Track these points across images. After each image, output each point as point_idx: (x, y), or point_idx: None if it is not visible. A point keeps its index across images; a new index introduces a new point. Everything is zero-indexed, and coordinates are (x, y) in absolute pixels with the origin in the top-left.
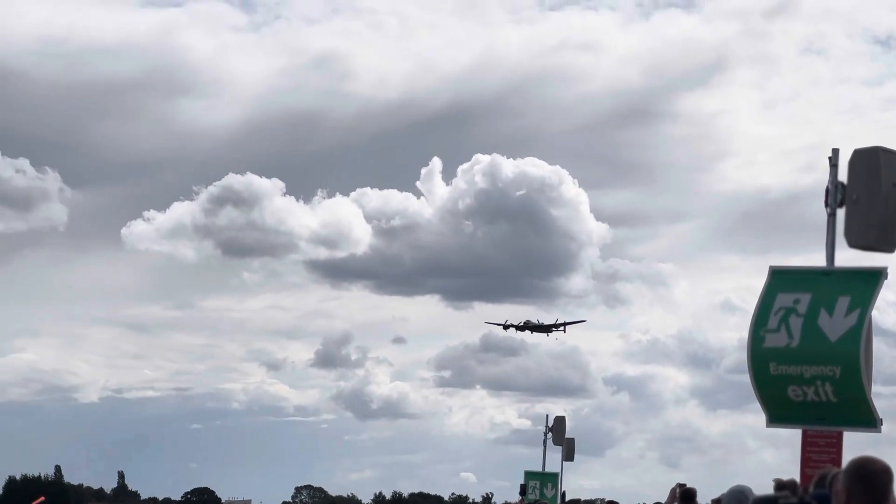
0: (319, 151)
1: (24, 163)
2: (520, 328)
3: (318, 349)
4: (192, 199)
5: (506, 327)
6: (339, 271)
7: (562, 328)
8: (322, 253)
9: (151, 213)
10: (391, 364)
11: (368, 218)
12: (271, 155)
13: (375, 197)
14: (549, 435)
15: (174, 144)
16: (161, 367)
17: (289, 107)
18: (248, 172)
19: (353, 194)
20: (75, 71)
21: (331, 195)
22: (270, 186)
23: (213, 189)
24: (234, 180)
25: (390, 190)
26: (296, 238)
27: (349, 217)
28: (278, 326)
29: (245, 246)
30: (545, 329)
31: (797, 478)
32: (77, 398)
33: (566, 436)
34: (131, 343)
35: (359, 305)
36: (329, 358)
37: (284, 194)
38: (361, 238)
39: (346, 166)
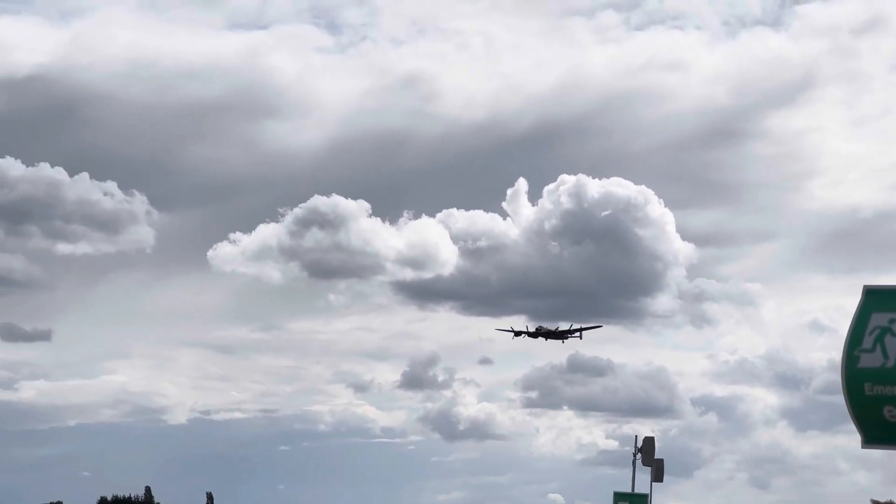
0: (405, 172)
1: (111, 186)
2: (532, 335)
3: (404, 370)
4: (277, 221)
5: (516, 334)
6: (425, 292)
7: (577, 334)
8: (408, 274)
9: (237, 236)
10: (478, 385)
11: (455, 239)
12: (357, 176)
13: (461, 218)
14: (638, 456)
15: (260, 166)
16: (248, 388)
17: (374, 128)
18: (333, 194)
19: (439, 215)
20: (163, 93)
21: (417, 216)
22: (356, 208)
23: (299, 211)
24: (319, 202)
25: (476, 211)
26: (382, 259)
27: (435, 238)
28: (365, 348)
29: (331, 268)
30: (560, 335)
31: (894, 499)
32: (166, 419)
33: (655, 456)
34: (218, 365)
35: (445, 326)
36: (416, 379)
37: (370, 215)
38: (448, 259)
39: (432, 187)
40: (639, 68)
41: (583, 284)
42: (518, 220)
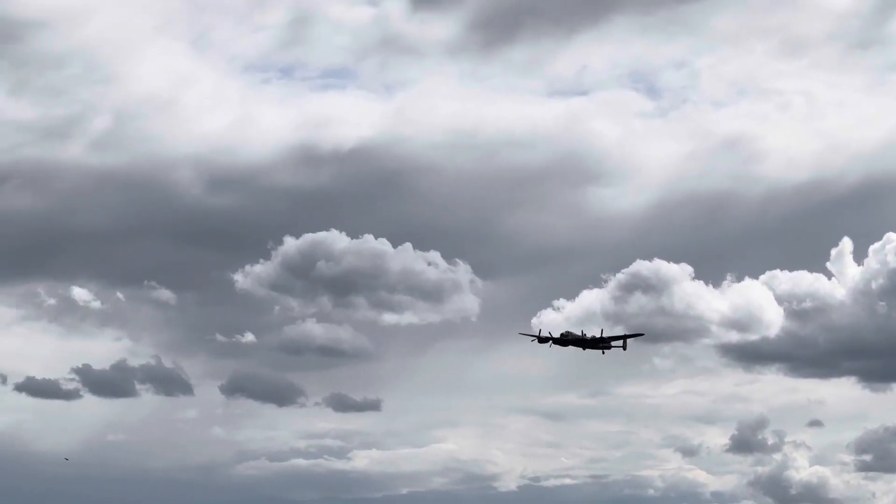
0: (728, 235)
1: (435, 255)
2: (559, 341)
3: (733, 434)
4: (601, 287)
5: (541, 340)
6: (751, 355)
7: (620, 344)
8: (733, 337)
9: (561, 302)
10: (809, 448)
11: (779, 300)
12: (679, 240)
13: (785, 279)
14: None
15: (582, 232)
16: (577, 454)
17: (696, 191)
18: (655, 258)
19: (762, 277)
20: (485, 162)
21: (740, 278)
22: (679, 271)
23: (622, 276)
24: (642, 266)
25: (800, 271)
26: (706, 322)
27: (760, 300)
28: (693, 411)
29: (656, 331)
30: (593, 344)
31: None
32: (496, 487)
33: None
34: (547, 431)
35: (773, 389)
36: (745, 442)
37: (693, 279)
38: (773, 321)
39: (755, 249)
40: None
41: None
42: (843, 280)
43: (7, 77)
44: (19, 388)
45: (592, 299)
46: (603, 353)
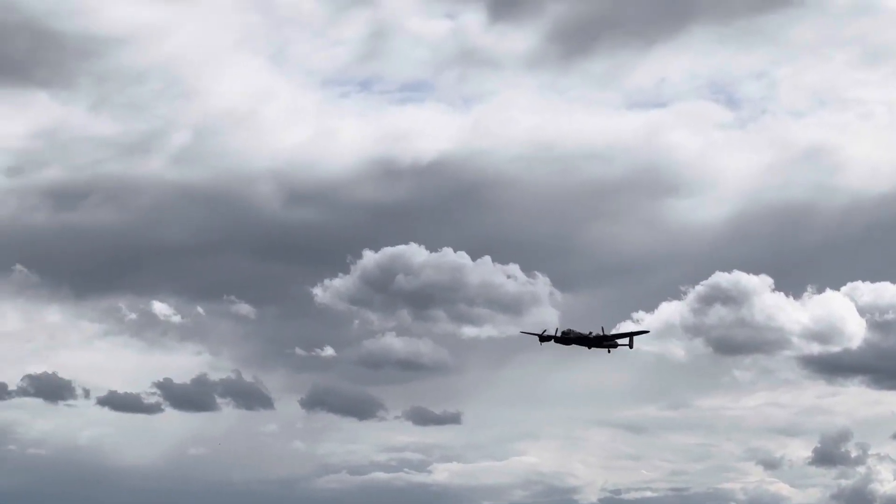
0: (808, 246)
1: (514, 268)
2: (560, 340)
3: (816, 446)
4: (680, 299)
5: (543, 338)
6: (833, 366)
7: (626, 342)
8: (815, 348)
9: (640, 314)
10: (894, 461)
11: (862, 312)
12: (758, 251)
13: (868, 290)
14: None
15: (661, 244)
16: (658, 467)
17: (776, 202)
18: (735, 270)
19: (844, 288)
20: (564, 175)
21: (821, 290)
22: (759, 283)
23: (701, 288)
24: (721, 278)
25: (883, 283)
26: (787, 334)
27: (842, 311)
28: (774, 424)
29: (736, 343)
30: (601, 342)
31: None
32: (577, 500)
33: None
34: (628, 444)
35: (857, 401)
36: (828, 455)
37: (773, 290)
38: (855, 332)
39: (837, 260)
40: None
41: None
42: None
43: (88, 93)
44: (101, 402)
45: (671, 311)
46: (609, 351)
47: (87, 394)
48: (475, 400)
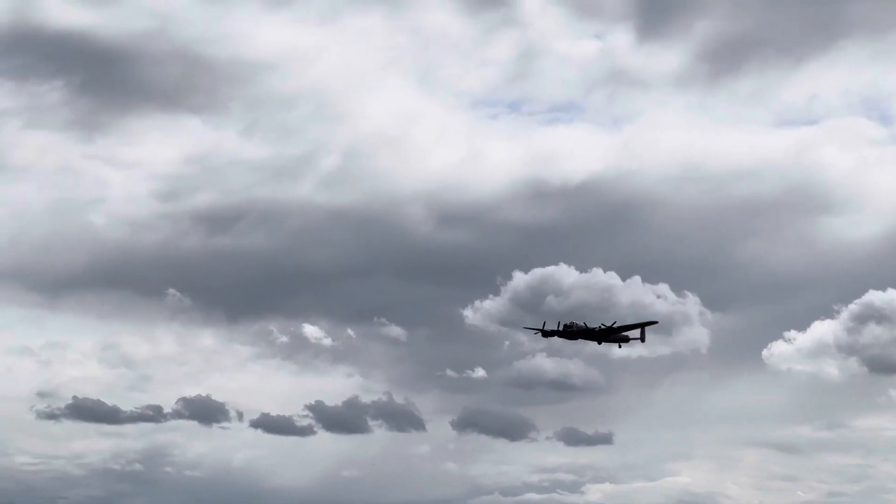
0: None
1: (664, 288)
2: (563, 334)
3: None
4: (833, 318)
5: (545, 334)
6: None
7: (637, 335)
8: None
9: (792, 334)
10: None
11: None
12: None
13: None
14: None
15: (813, 263)
16: (814, 488)
17: None
18: (889, 288)
19: None
20: (713, 194)
21: None
22: None
23: (854, 307)
24: (875, 297)
25: None
26: None
27: None
28: None
29: (892, 363)
30: (608, 336)
31: None
32: None
33: None
34: (782, 465)
35: None
36: None
37: None
38: None
39: None
40: None
41: None
42: None
43: (240, 118)
44: (254, 424)
45: (824, 330)
46: (619, 346)
47: (240, 416)
48: (627, 420)
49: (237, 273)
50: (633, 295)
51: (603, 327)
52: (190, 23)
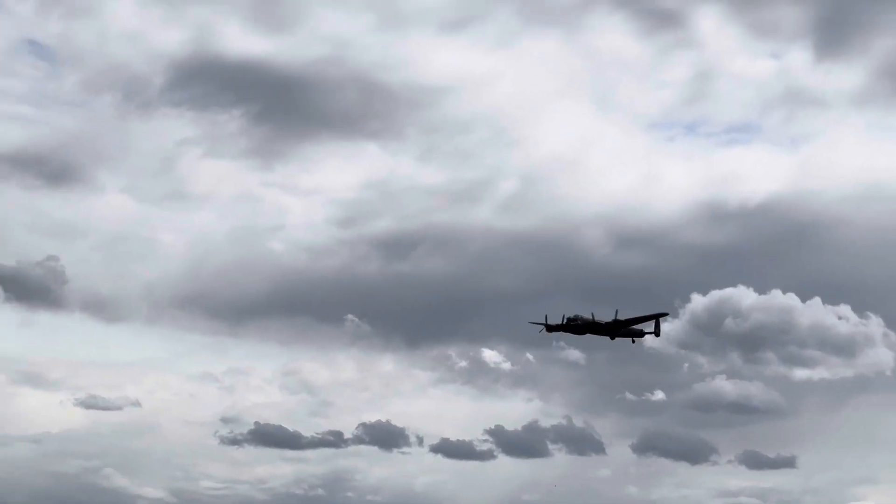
0: None
1: (845, 309)
2: (568, 328)
3: None
4: None
5: (550, 328)
6: None
7: (652, 329)
8: None
9: None
10: None
11: None
12: None
13: None
14: None
15: None
16: None
17: None
18: None
19: None
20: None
21: None
22: None
23: None
24: None
25: None
26: None
27: None
28: None
29: None
30: (618, 329)
31: None
32: None
33: None
34: None
35: None
36: None
37: None
38: None
39: None
40: None
41: None
42: None
43: (417, 143)
44: (434, 449)
45: None
46: (633, 341)
47: (420, 441)
48: (810, 443)
49: (416, 298)
50: (814, 316)
51: (610, 321)
52: (366, 49)
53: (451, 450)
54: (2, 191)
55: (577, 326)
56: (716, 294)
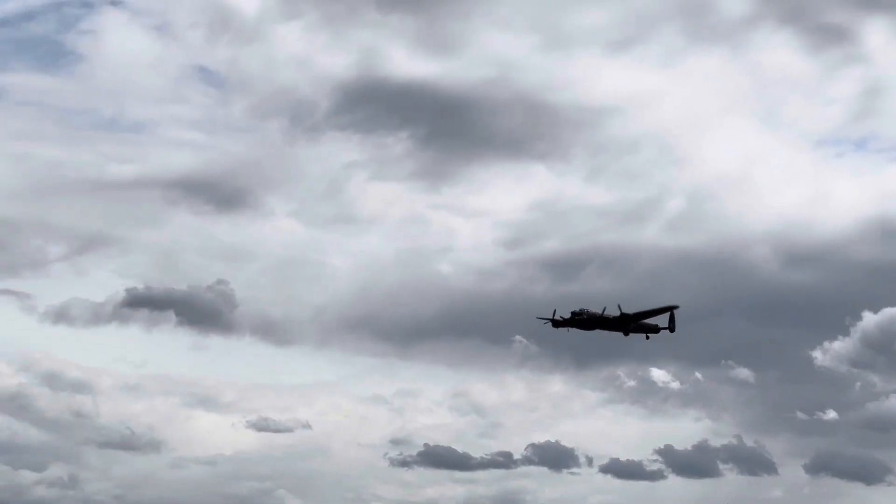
0: None
1: None
2: (575, 323)
3: None
4: None
5: (556, 324)
6: None
7: (667, 326)
8: None
9: None
10: None
11: None
12: None
13: None
14: None
15: None
16: None
17: None
18: None
19: None
20: None
21: None
22: None
23: None
24: None
25: None
26: None
27: None
28: None
29: None
30: (627, 323)
31: None
32: None
33: None
34: None
35: None
36: None
37: None
38: None
39: None
40: None
41: None
42: None
43: (584, 163)
44: (604, 469)
45: None
46: (647, 337)
47: (590, 462)
48: None
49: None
50: None
51: (618, 315)
52: (532, 69)
53: (621, 470)
54: (173, 216)
55: (583, 321)
56: (888, 312)
